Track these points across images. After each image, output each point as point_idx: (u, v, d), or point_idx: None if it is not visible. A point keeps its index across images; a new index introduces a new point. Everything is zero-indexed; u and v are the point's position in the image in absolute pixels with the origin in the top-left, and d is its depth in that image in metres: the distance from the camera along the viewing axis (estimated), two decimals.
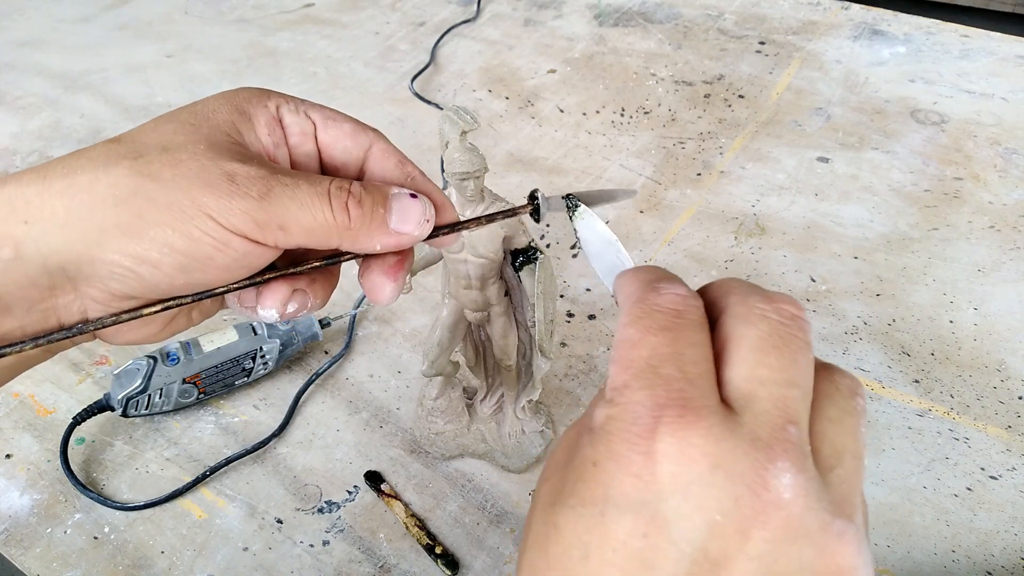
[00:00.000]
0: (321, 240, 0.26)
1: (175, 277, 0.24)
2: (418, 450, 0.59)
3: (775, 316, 0.21)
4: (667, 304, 0.21)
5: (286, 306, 0.27)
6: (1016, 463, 0.56)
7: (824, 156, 0.86)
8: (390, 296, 0.28)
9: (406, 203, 0.27)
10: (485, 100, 0.97)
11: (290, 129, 0.29)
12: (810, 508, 0.18)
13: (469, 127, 0.41)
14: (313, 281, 0.28)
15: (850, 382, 0.22)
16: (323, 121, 0.29)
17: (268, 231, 0.24)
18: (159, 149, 0.25)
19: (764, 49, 1.04)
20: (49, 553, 0.53)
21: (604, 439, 0.20)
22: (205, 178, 0.24)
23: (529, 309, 0.48)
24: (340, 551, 0.53)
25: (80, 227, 0.23)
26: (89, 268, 0.24)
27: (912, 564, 0.51)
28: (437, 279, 0.68)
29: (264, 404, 0.62)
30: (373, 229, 0.26)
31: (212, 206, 0.24)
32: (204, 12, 1.20)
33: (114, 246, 0.23)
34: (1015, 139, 0.86)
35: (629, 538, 0.19)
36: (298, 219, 0.25)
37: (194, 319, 0.29)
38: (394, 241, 0.27)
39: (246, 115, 0.27)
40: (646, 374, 0.20)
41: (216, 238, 0.24)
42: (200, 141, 0.25)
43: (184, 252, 0.24)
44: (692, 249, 0.75)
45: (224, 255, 0.24)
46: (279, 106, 0.29)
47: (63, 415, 0.61)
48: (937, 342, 0.65)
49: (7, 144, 0.93)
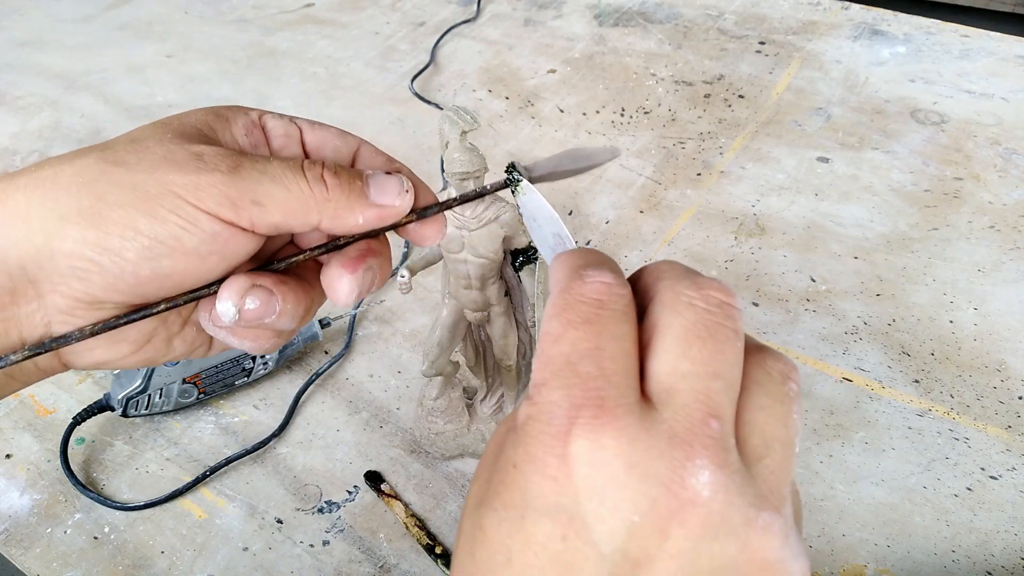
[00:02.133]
0: (300, 216, 0.24)
1: (140, 266, 0.22)
2: (418, 450, 0.59)
3: (702, 304, 0.20)
4: (590, 294, 0.20)
5: (244, 299, 0.24)
6: (1016, 463, 0.56)
7: (824, 156, 0.86)
8: (348, 289, 0.25)
9: (382, 178, 0.26)
10: (485, 100, 0.97)
11: (273, 132, 0.28)
12: (731, 503, 0.18)
13: (469, 127, 0.41)
14: (283, 283, 0.25)
15: (782, 367, 0.21)
16: (309, 125, 0.28)
17: (241, 207, 0.23)
18: (127, 140, 0.24)
19: (764, 49, 1.04)
20: (49, 553, 0.53)
21: (523, 440, 0.19)
22: (171, 159, 0.23)
23: (529, 309, 0.48)
24: (340, 551, 0.53)
25: (40, 215, 0.22)
26: (49, 264, 0.22)
27: (912, 564, 0.51)
28: (437, 279, 0.68)
29: (264, 404, 0.62)
30: (353, 200, 0.25)
31: (178, 183, 0.22)
32: (204, 12, 1.20)
33: (74, 234, 0.22)
34: (1015, 139, 0.86)
35: (549, 541, 0.18)
36: (272, 193, 0.23)
37: (175, 347, 0.27)
38: (375, 213, 0.25)
39: (222, 117, 0.26)
40: (564, 372, 0.19)
41: (183, 216, 0.22)
42: (167, 131, 0.25)
43: (148, 234, 0.22)
44: (692, 249, 0.75)
45: (192, 236, 0.23)
46: (262, 114, 0.28)
47: (63, 415, 0.61)
48: (937, 342, 0.65)
49: (7, 144, 0.93)
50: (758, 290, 0.70)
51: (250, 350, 0.27)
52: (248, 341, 0.26)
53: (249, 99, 0.99)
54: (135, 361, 0.26)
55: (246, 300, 0.24)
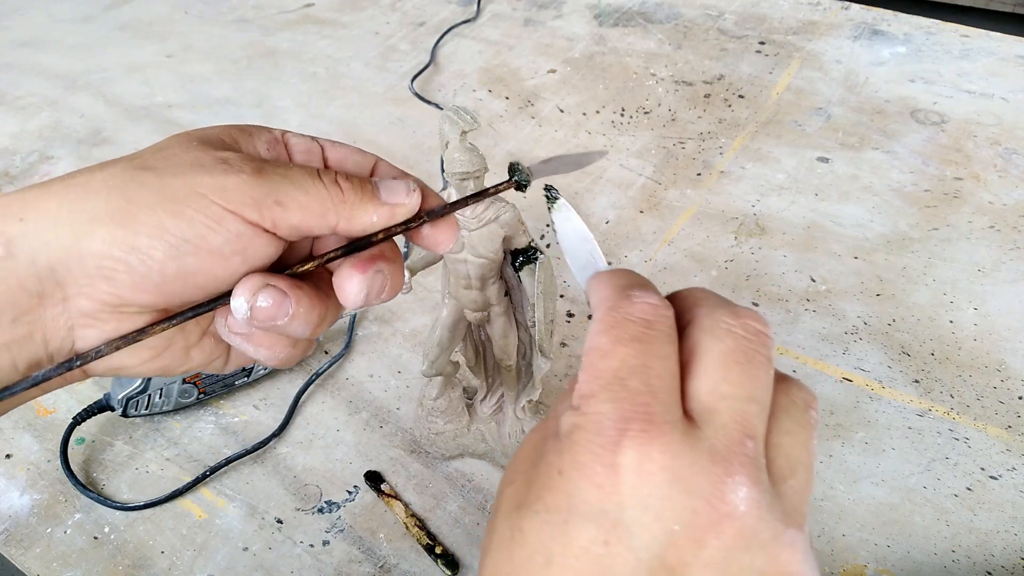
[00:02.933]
0: (318, 217, 0.25)
1: (166, 265, 0.23)
2: (418, 450, 0.59)
3: (741, 332, 0.22)
4: (639, 314, 0.22)
5: (256, 296, 0.25)
6: (1016, 463, 0.56)
7: (824, 156, 0.86)
8: (357, 289, 0.26)
9: (390, 181, 0.27)
10: (485, 100, 0.97)
11: (295, 148, 0.29)
12: (763, 519, 0.19)
13: (469, 127, 0.41)
14: (297, 287, 0.26)
15: (805, 395, 0.23)
16: (331, 144, 0.30)
17: (265, 207, 0.24)
18: (154, 149, 0.25)
19: (764, 49, 1.04)
20: (49, 553, 0.53)
21: (570, 448, 0.20)
22: (198, 164, 0.24)
23: (529, 309, 0.48)
24: (340, 551, 0.53)
25: (71, 219, 0.23)
26: (78, 265, 0.23)
27: (912, 564, 0.51)
28: (437, 279, 0.69)
29: (264, 404, 0.62)
30: (366, 200, 0.26)
31: (205, 184, 0.23)
32: (204, 12, 1.20)
33: (102, 234, 0.23)
34: (1015, 139, 0.86)
35: (591, 545, 0.19)
36: (293, 195, 0.25)
37: (192, 357, 0.27)
38: (387, 211, 0.26)
39: (246, 132, 0.28)
40: (613, 386, 0.20)
41: (209, 216, 0.23)
42: (192, 140, 0.26)
43: (176, 233, 0.23)
44: (692, 249, 0.75)
45: (217, 235, 0.23)
46: (284, 132, 0.29)
47: (63, 415, 0.61)
48: (937, 342, 0.65)
49: (7, 144, 0.93)
50: (758, 290, 0.70)
51: (266, 360, 0.27)
52: (264, 349, 0.27)
53: (249, 99, 0.99)
54: (152, 368, 0.27)
55: (259, 297, 0.25)
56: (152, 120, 0.96)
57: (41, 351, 0.24)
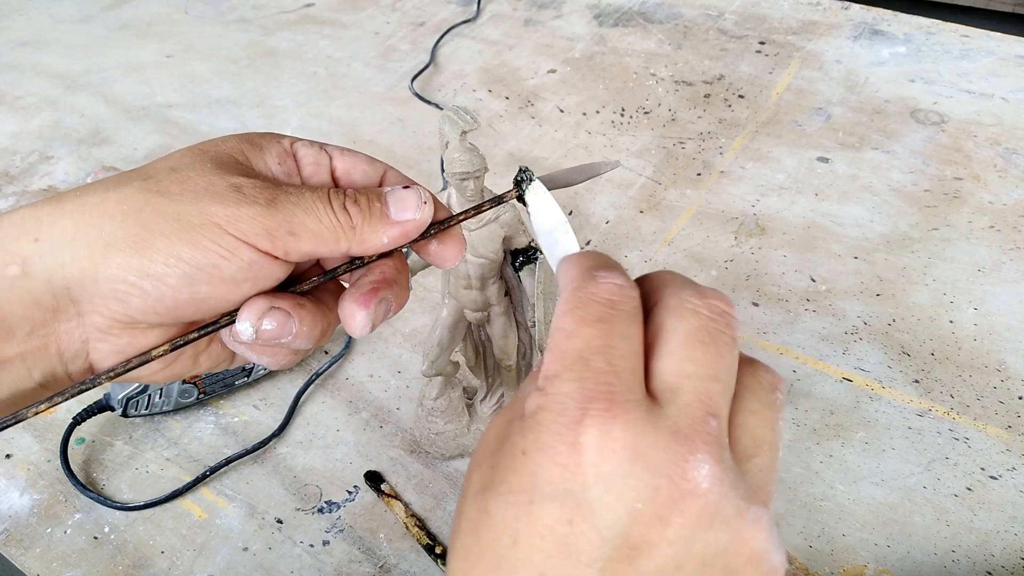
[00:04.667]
0: (330, 244, 0.25)
1: (179, 291, 0.24)
2: (418, 450, 0.59)
3: (705, 312, 0.22)
4: (603, 294, 0.22)
5: (261, 320, 0.25)
6: (1016, 463, 0.56)
7: (824, 156, 0.86)
8: (361, 324, 0.26)
9: (401, 193, 0.27)
10: (485, 100, 0.97)
11: (304, 160, 0.29)
12: (726, 496, 0.19)
13: (469, 127, 0.41)
14: (300, 306, 0.26)
15: (771, 377, 0.23)
16: (339, 152, 0.29)
17: (278, 238, 0.24)
18: (167, 169, 0.25)
19: (764, 49, 1.04)
20: (49, 553, 0.53)
21: (533, 428, 0.20)
22: (212, 191, 0.24)
23: (529, 309, 0.48)
24: (340, 551, 0.53)
25: (87, 242, 0.23)
26: (93, 286, 0.24)
27: (912, 564, 0.51)
28: (437, 279, 0.69)
29: (264, 404, 0.62)
30: (375, 223, 0.26)
31: (220, 215, 0.24)
32: (204, 12, 1.20)
33: (119, 260, 0.23)
34: (1015, 139, 0.86)
35: (556, 524, 0.19)
36: (305, 223, 0.25)
37: (201, 363, 0.28)
38: (399, 231, 0.26)
39: (256, 145, 0.28)
40: (577, 366, 0.20)
41: (223, 246, 0.24)
42: (207, 162, 0.26)
43: (190, 262, 0.23)
44: (692, 249, 0.75)
45: (230, 264, 0.24)
46: (293, 142, 0.29)
47: (63, 415, 0.61)
48: (937, 342, 0.65)
49: (7, 144, 0.93)
50: (758, 290, 0.70)
51: (268, 365, 0.28)
52: (266, 357, 0.28)
53: (249, 99, 0.99)
54: (164, 376, 0.27)
55: (263, 321, 0.25)
56: (152, 120, 0.96)
57: (56, 362, 0.25)
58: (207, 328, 0.25)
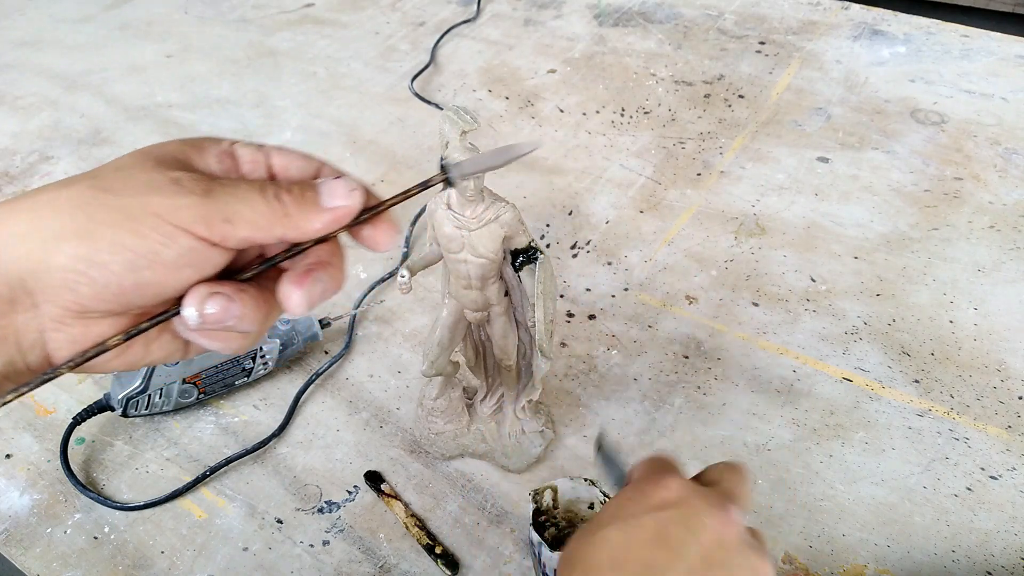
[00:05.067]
0: (264, 230, 0.27)
1: (124, 277, 0.25)
2: (418, 450, 0.59)
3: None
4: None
5: (204, 305, 0.27)
6: (1016, 463, 0.56)
7: (824, 156, 0.86)
8: (297, 304, 0.28)
9: (332, 183, 0.29)
10: (485, 100, 0.97)
11: (242, 159, 0.30)
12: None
13: (469, 127, 0.41)
14: (242, 291, 0.28)
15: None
16: (276, 151, 0.31)
17: (214, 225, 0.26)
18: (113, 169, 0.27)
19: (764, 49, 1.04)
20: (49, 553, 0.53)
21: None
22: (153, 185, 0.26)
23: (529, 309, 0.48)
24: (340, 551, 0.53)
25: (39, 236, 0.25)
26: (46, 276, 0.25)
27: (912, 564, 0.51)
28: (437, 279, 0.68)
29: (264, 404, 0.62)
30: (307, 210, 0.28)
31: (159, 205, 0.26)
32: (204, 12, 1.20)
33: (68, 250, 0.25)
34: (1015, 139, 0.86)
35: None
36: (240, 211, 0.27)
37: (152, 352, 0.29)
38: (330, 216, 0.28)
39: (197, 147, 0.29)
40: None
41: (163, 233, 0.25)
42: (149, 161, 0.27)
43: (133, 249, 0.25)
44: (692, 249, 0.75)
45: (170, 250, 0.26)
46: (232, 143, 0.31)
47: (63, 415, 0.61)
48: (937, 342, 0.65)
49: (7, 144, 0.93)
50: (758, 290, 0.70)
51: (220, 350, 0.30)
52: (217, 342, 0.29)
53: (249, 99, 0.99)
54: (116, 365, 0.29)
55: (206, 305, 0.27)
56: (152, 120, 0.96)
57: (15, 352, 0.26)
58: (157, 318, 0.27)
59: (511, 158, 0.32)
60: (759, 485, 0.56)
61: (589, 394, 0.62)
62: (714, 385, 0.63)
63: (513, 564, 0.52)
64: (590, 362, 0.65)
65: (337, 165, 0.31)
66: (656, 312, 0.69)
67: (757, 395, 0.62)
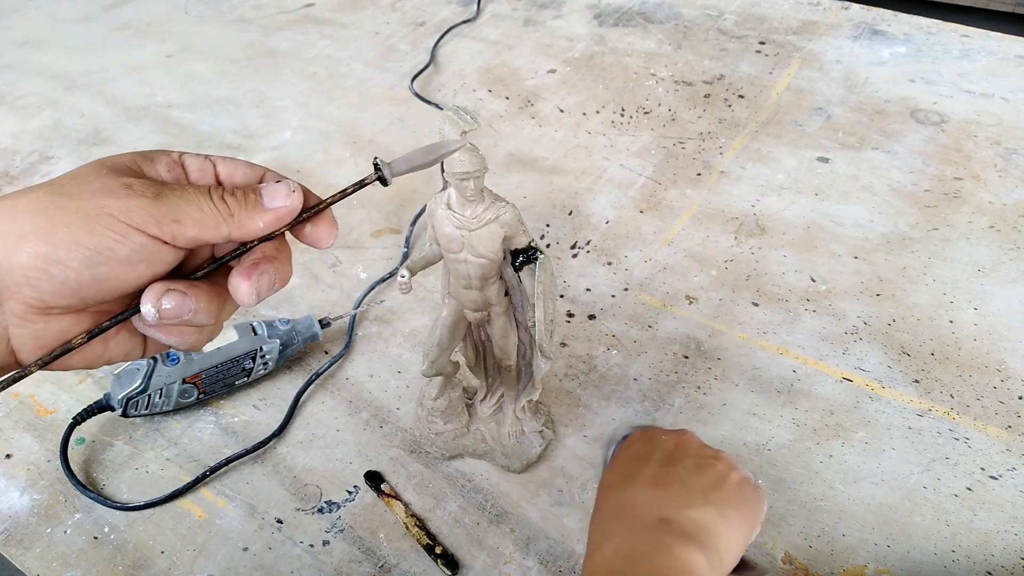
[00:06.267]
0: (211, 230, 0.30)
1: (81, 273, 0.28)
2: (418, 450, 0.59)
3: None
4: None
5: (160, 301, 0.29)
6: (1016, 463, 0.56)
7: (824, 156, 0.86)
8: (246, 294, 0.31)
9: (273, 186, 0.31)
10: (485, 100, 0.97)
11: (190, 168, 0.33)
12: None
13: (469, 127, 0.41)
14: (195, 287, 0.30)
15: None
16: (222, 160, 0.33)
17: (164, 224, 0.28)
18: (70, 177, 0.30)
19: (764, 49, 1.04)
20: (49, 553, 0.53)
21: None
22: (107, 189, 0.28)
23: (529, 309, 0.48)
24: (340, 551, 0.53)
25: (2, 237, 0.27)
26: (8, 275, 0.27)
27: (912, 564, 0.51)
28: (437, 279, 0.68)
29: (264, 404, 0.62)
30: (251, 210, 0.30)
31: (113, 206, 0.28)
32: (204, 12, 1.20)
33: (28, 249, 0.27)
34: (1015, 139, 0.86)
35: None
36: (188, 212, 0.29)
37: (111, 349, 0.31)
38: (272, 216, 0.31)
39: (148, 158, 0.32)
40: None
41: (116, 231, 0.28)
42: (103, 169, 0.30)
43: (89, 246, 0.27)
44: (692, 249, 0.75)
45: (123, 246, 0.28)
46: (181, 155, 0.33)
47: (63, 415, 0.61)
48: (937, 342, 0.65)
49: (7, 144, 0.93)
50: (758, 290, 0.70)
51: (177, 345, 0.32)
52: (175, 337, 0.32)
53: (249, 99, 0.99)
54: (76, 362, 0.31)
55: (162, 301, 0.29)
56: (152, 120, 0.96)
57: None
58: (118, 317, 0.30)
59: (440, 155, 0.34)
60: (759, 485, 0.56)
61: (589, 394, 0.62)
62: (714, 385, 0.63)
63: (513, 564, 0.52)
64: (590, 362, 0.65)
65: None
66: (656, 312, 0.69)
67: (757, 395, 0.62)
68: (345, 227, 0.78)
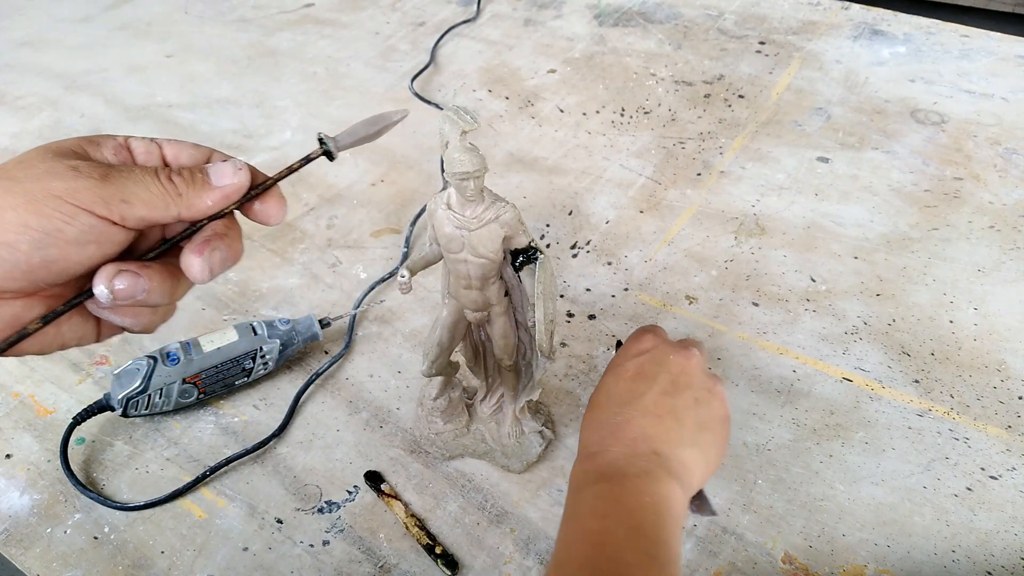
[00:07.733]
0: (160, 209, 0.30)
1: (31, 255, 0.28)
2: (418, 450, 0.59)
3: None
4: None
5: (113, 281, 0.30)
6: (1016, 463, 0.56)
7: (824, 156, 0.86)
8: (199, 270, 0.31)
9: (220, 165, 0.32)
10: (485, 100, 0.97)
11: (136, 151, 0.33)
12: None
13: (469, 127, 0.41)
14: (146, 267, 0.31)
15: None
16: (168, 142, 0.34)
17: (113, 204, 0.29)
18: (16, 162, 0.30)
19: (764, 49, 1.04)
20: (49, 553, 0.53)
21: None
22: (53, 172, 0.29)
23: (529, 309, 0.48)
24: (340, 551, 0.53)
25: None
26: None
27: (912, 564, 0.51)
28: (437, 279, 0.68)
29: (264, 404, 0.62)
30: (199, 189, 0.31)
31: (60, 188, 0.28)
32: (204, 12, 1.20)
33: None
34: (1015, 139, 0.86)
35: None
36: (136, 192, 0.29)
37: (64, 334, 0.32)
38: (220, 194, 0.31)
39: (94, 142, 0.32)
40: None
41: (64, 212, 0.28)
42: (49, 153, 0.30)
43: (37, 228, 0.28)
44: (692, 249, 0.75)
45: (72, 227, 0.28)
46: (127, 138, 0.33)
47: (63, 415, 0.61)
48: (937, 342, 0.65)
49: (7, 144, 0.93)
50: (758, 290, 0.70)
51: (132, 327, 0.32)
52: (129, 318, 0.32)
53: (249, 99, 0.99)
54: (30, 348, 0.31)
55: (115, 282, 0.30)
56: (152, 120, 0.96)
57: None
58: (72, 301, 0.30)
59: (383, 126, 0.35)
60: (759, 485, 0.56)
61: (589, 394, 0.62)
62: None
63: (513, 564, 0.52)
64: (590, 362, 0.65)
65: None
66: (656, 312, 0.69)
67: (757, 395, 0.62)
68: (345, 227, 0.78)
